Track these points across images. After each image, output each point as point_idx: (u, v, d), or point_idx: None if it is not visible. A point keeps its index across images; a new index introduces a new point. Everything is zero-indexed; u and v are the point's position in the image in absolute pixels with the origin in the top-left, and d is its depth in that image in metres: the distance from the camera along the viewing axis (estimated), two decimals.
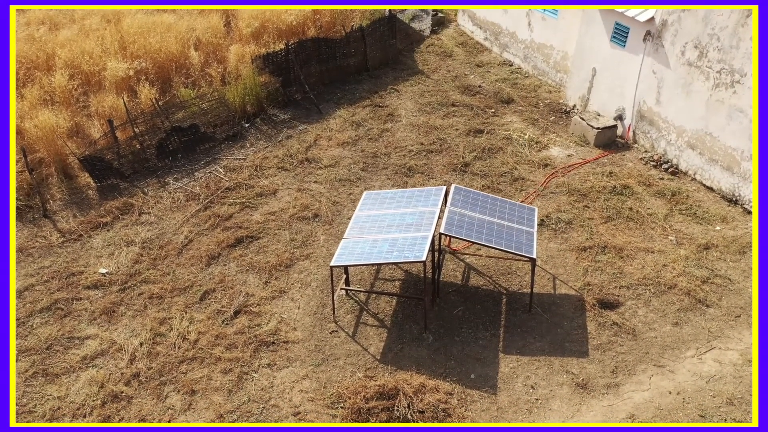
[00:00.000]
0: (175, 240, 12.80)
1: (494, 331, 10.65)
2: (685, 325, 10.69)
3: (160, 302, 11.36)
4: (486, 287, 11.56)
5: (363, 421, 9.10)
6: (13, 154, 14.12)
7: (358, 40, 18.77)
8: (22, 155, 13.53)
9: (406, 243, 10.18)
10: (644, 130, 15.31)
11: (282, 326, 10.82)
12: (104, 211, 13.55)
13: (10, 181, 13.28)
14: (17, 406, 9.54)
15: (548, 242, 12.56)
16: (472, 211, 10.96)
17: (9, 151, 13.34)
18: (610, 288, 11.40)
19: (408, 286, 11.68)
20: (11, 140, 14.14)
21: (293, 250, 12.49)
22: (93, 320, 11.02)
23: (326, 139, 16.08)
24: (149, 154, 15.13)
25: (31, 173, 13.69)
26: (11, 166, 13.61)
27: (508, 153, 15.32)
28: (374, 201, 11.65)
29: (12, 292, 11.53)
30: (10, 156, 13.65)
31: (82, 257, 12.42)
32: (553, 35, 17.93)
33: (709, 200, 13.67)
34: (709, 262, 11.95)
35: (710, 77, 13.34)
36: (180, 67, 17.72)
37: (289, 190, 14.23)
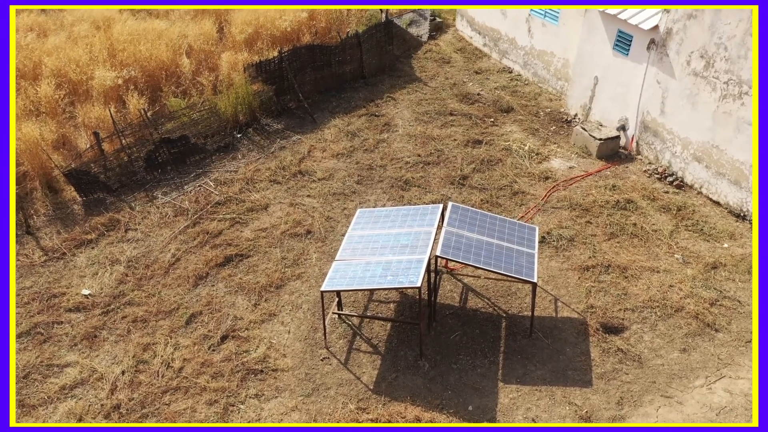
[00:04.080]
0: (162, 258, 12.32)
1: (493, 357, 10.16)
2: (693, 351, 10.20)
3: (144, 326, 10.88)
4: (485, 310, 11.08)
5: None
6: (13, 155, 13.68)
7: (354, 46, 18.27)
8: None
9: (400, 266, 9.69)
10: (648, 142, 14.81)
11: (271, 352, 10.33)
12: (89, 228, 13.07)
13: (10, 181, 12.92)
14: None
15: (549, 261, 12.07)
16: (470, 231, 10.48)
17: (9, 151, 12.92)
18: (614, 311, 10.91)
19: (403, 308, 11.20)
20: (11, 141, 13.73)
21: (284, 269, 12.01)
22: (74, 346, 10.54)
23: (320, 150, 15.59)
24: (137, 166, 14.65)
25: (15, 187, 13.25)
26: (11, 166, 13.20)
27: (508, 165, 14.83)
28: (368, 219, 11.16)
29: (12, 291, 11.42)
30: (10, 156, 13.22)
31: (64, 277, 11.94)
32: (553, 42, 17.43)
33: (716, 215, 13.18)
34: (717, 283, 11.46)
35: (717, 88, 12.85)
36: (170, 75, 17.23)
37: (281, 204, 13.74)
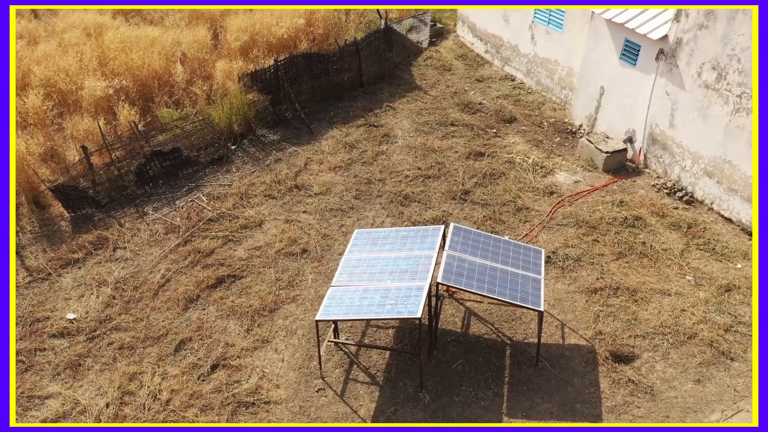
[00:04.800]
0: (151, 279, 11.82)
1: (497, 389, 9.65)
2: (708, 382, 9.69)
3: (131, 353, 10.37)
4: (488, 336, 10.57)
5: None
6: (13, 155, 13.22)
7: (352, 54, 17.75)
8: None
9: (399, 294, 9.18)
10: (656, 155, 14.30)
11: (264, 383, 9.83)
12: (76, 246, 12.57)
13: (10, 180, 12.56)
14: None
15: (555, 282, 11.56)
16: (473, 255, 9.97)
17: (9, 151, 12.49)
18: (624, 337, 10.40)
19: (403, 334, 10.69)
20: (11, 141, 13.27)
21: (278, 291, 11.50)
22: (56, 375, 10.04)
23: (317, 163, 15.08)
24: (127, 180, 14.14)
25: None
26: (11, 167, 12.77)
27: (511, 179, 14.32)
28: (365, 241, 10.65)
29: (12, 289, 11.35)
30: (10, 156, 12.78)
31: (49, 299, 11.44)
32: (557, 49, 16.92)
33: (729, 233, 12.67)
34: (731, 307, 10.95)
35: (730, 101, 12.34)
36: (163, 84, 16.71)
37: (276, 221, 13.24)
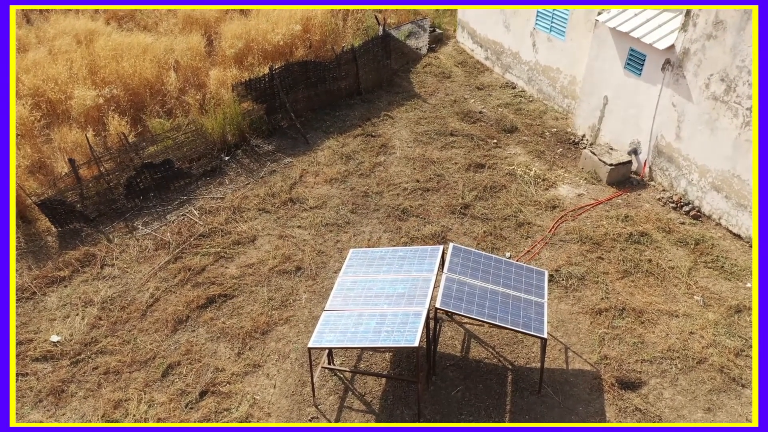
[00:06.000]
0: (140, 299, 11.40)
1: (498, 418, 9.21)
2: (718, 411, 9.26)
3: (116, 379, 9.95)
4: (489, 360, 10.14)
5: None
6: (13, 156, 12.84)
7: (349, 61, 17.34)
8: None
9: (396, 321, 8.76)
10: (662, 167, 13.89)
11: (254, 411, 9.40)
12: (62, 264, 12.15)
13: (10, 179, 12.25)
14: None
15: (558, 303, 11.14)
16: (473, 278, 9.54)
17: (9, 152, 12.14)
18: (631, 362, 9.98)
19: (400, 358, 10.27)
20: (11, 142, 12.87)
21: (271, 311, 11.08)
22: (38, 402, 9.61)
23: (313, 175, 14.66)
24: (117, 194, 13.72)
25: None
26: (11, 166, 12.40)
27: (512, 192, 13.90)
28: (361, 262, 10.23)
29: (12, 288, 11.34)
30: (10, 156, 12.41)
31: (33, 321, 11.02)
32: (559, 57, 16.51)
33: (737, 250, 12.25)
34: (741, 329, 10.53)
35: (739, 114, 11.92)
36: (155, 93, 16.31)
37: (269, 236, 12.82)
